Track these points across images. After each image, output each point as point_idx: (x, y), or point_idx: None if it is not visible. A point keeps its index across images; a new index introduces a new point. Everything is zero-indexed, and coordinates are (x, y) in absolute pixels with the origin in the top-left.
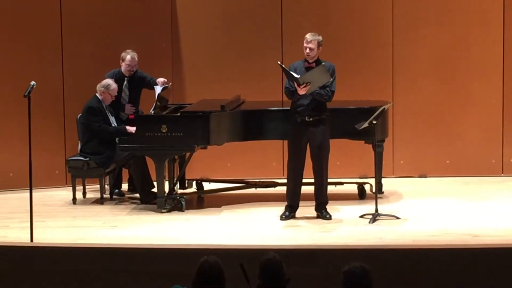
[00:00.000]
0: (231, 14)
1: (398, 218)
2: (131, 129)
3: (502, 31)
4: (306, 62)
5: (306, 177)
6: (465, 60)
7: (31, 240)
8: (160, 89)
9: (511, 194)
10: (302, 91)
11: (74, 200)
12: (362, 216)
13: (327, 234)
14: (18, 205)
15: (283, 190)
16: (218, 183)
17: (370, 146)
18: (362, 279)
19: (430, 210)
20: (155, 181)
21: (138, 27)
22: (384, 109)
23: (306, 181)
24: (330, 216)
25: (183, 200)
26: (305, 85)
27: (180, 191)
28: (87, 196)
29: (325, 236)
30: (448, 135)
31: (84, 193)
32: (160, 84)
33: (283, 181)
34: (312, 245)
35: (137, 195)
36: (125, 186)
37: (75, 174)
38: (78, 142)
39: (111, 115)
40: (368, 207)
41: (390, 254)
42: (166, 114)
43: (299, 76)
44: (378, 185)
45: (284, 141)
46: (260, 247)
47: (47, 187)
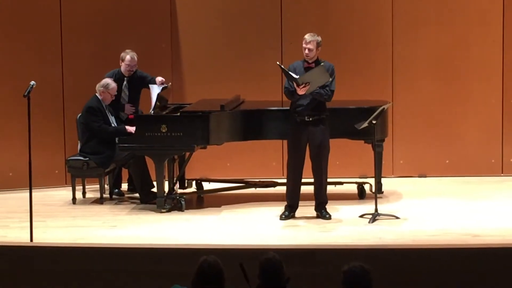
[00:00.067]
0: (231, 14)
1: (397, 218)
2: (131, 129)
3: (502, 31)
4: (305, 63)
5: (306, 177)
6: (465, 60)
7: (31, 240)
8: (156, 88)
9: (511, 194)
10: (301, 91)
11: (74, 200)
12: (361, 216)
13: (327, 234)
14: (18, 205)
15: (283, 190)
16: (217, 183)
17: (370, 146)
18: (362, 279)
19: (429, 210)
20: (155, 181)
21: (137, 27)
22: (383, 109)
23: (305, 181)
24: (329, 216)
25: (183, 200)
26: (304, 85)
27: (179, 191)
28: (87, 196)
29: (324, 236)
30: (447, 135)
31: (83, 193)
32: (158, 83)
33: (283, 181)
34: (311, 245)
35: (136, 195)
36: (124, 186)
37: (75, 174)
38: (78, 142)
39: (111, 115)
40: (367, 207)
41: (390, 254)
42: (166, 114)
43: (298, 76)
44: (378, 185)
45: (283, 141)
46: (259, 247)
47: (47, 187)
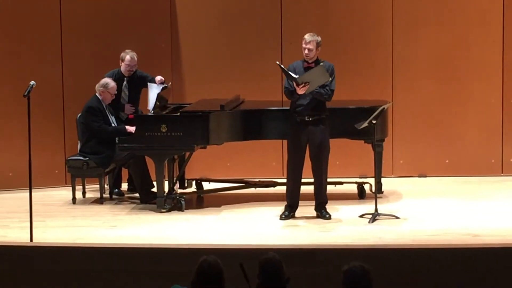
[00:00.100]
0: (231, 14)
1: (397, 217)
2: (131, 128)
3: (502, 31)
4: (305, 62)
5: (306, 176)
6: (464, 60)
7: (31, 240)
8: (155, 87)
9: (511, 194)
10: (301, 91)
11: (74, 199)
12: (361, 215)
13: (327, 233)
14: (17, 204)
15: (283, 189)
16: (217, 183)
17: (370, 145)
18: (362, 279)
19: (429, 210)
20: (155, 180)
21: (137, 27)
22: (383, 108)
23: (305, 180)
24: (329, 215)
25: (183, 199)
26: (303, 85)
27: (179, 191)
28: (87, 195)
29: (324, 235)
30: (447, 135)
31: (83, 192)
32: (157, 82)
33: (283, 180)
34: (311, 244)
35: (136, 195)
36: (124, 186)
37: (75, 174)
38: (78, 141)
39: (111, 115)
40: (367, 207)
41: (390, 254)
42: (166, 114)
43: (298, 76)
44: (378, 184)
45: (283, 140)
46: (259, 247)
47: (47, 187)
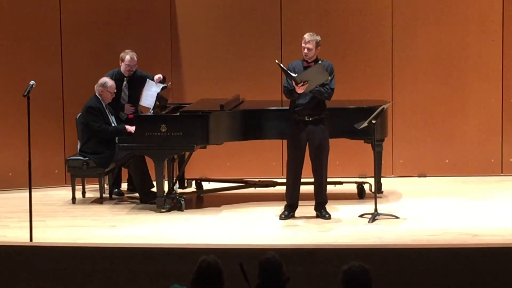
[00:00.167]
0: (230, 14)
1: (397, 217)
2: (131, 128)
3: (502, 31)
4: (304, 62)
5: (306, 176)
6: (464, 59)
7: (31, 239)
8: (153, 84)
9: (511, 194)
10: (300, 90)
11: (74, 199)
12: (361, 215)
13: (327, 233)
14: (17, 204)
15: (283, 189)
16: (217, 183)
17: (370, 145)
18: (362, 279)
19: (429, 210)
20: (155, 180)
21: (137, 27)
22: (383, 108)
23: (305, 180)
24: (329, 215)
25: (183, 199)
26: (303, 83)
27: (179, 191)
28: (87, 195)
29: (324, 235)
30: (447, 135)
31: (83, 192)
32: (155, 80)
33: (283, 180)
34: (311, 244)
35: (136, 195)
36: (124, 186)
37: (75, 174)
38: (78, 141)
39: (111, 115)
40: (367, 207)
41: (390, 254)
42: (166, 114)
43: (297, 74)
44: (378, 184)
45: (283, 140)
46: (259, 247)
47: (47, 187)
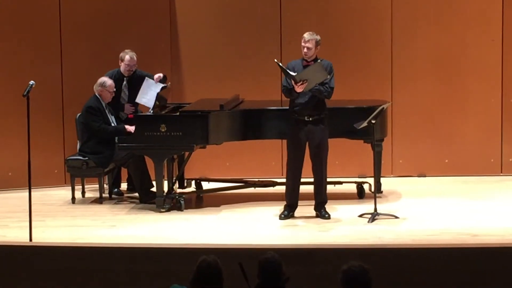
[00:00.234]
0: (230, 14)
1: (397, 217)
2: (130, 128)
3: (501, 31)
4: (304, 61)
5: (305, 176)
6: (464, 59)
7: (30, 239)
8: (153, 83)
9: (510, 194)
10: (299, 89)
11: (73, 199)
12: (361, 215)
13: (326, 233)
14: (17, 204)
15: (282, 189)
16: (217, 183)
17: (369, 145)
18: (361, 278)
19: (429, 210)
20: (154, 180)
21: (137, 27)
22: (383, 108)
23: (305, 180)
24: (329, 215)
25: (182, 199)
26: (302, 82)
27: (179, 191)
28: (86, 195)
29: (324, 235)
30: (447, 135)
31: (83, 192)
32: (156, 79)
33: (282, 180)
34: (311, 244)
35: (136, 195)
36: (124, 186)
37: (74, 174)
38: (77, 141)
39: (111, 115)
40: (367, 207)
41: (389, 254)
42: (165, 114)
43: (296, 73)
44: (377, 184)
45: (283, 140)
46: (259, 247)
47: (46, 187)
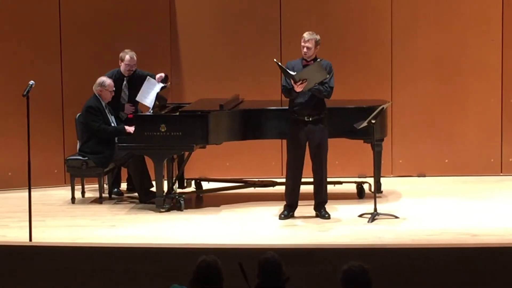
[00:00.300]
0: (230, 14)
1: (397, 217)
2: (130, 129)
3: (501, 30)
4: (304, 61)
5: (305, 176)
6: (464, 59)
7: (30, 239)
8: (154, 82)
9: (510, 193)
10: (298, 88)
11: (73, 199)
12: (361, 215)
13: (326, 233)
14: (17, 204)
15: (282, 189)
16: (217, 183)
17: (369, 145)
18: (361, 278)
19: (429, 209)
20: (154, 180)
21: (137, 27)
22: (383, 108)
23: (305, 180)
24: (329, 215)
25: (182, 199)
26: (301, 82)
27: (179, 191)
28: (86, 195)
29: (324, 235)
30: (447, 134)
31: (83, 192)
32: (157, 79)
33: (282, 180)
34: (311, 244)
35: (136, 195)
36: (124, 186)
37: (74, 174)
38: (77, 141)
39: (111, 115)
40: (367, 207)
41: (389, 254)
42: (165, 114)
43: (295, 73)
44: (377, 184)
45: (283, 140)
46: (259, 247)
47: (46, 187)
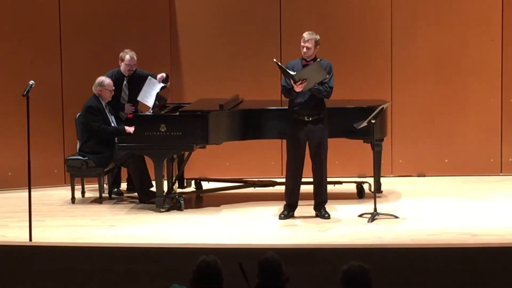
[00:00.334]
0: (230, 14)
1: (396, 217)
2: (130, 129)
3: (501, 30)
4: (303, 61)
5: (305, 176)
6: (464, 59)
7: (30, 239)
8: (156, 82)
9: (510, 193)
10: (298, 88)
11: (73, 199)
12: (360, 215)
13: (326, 233)
14: (17, 204)
15: (282, 189)
16: (216, 182)
17: (369, 145)
18: (361, 278)
19: (428, 209)
20: (154, 180)
21: (137, 27)
22: (382, 108)
23: (305, 180)
24: (329, 215)
25: (182, 199)
26: (301, 82)
27: (179, 190)
28: (86, 195)
29: (323, 235)
30: (446, 134)
31: (83, 192)
32: (159, 79)
33: (282, 180)
34: (311, 244)
35: (135, 194)
36: (124, 186)
37: (74, 174)
38: (77, 141)
39: (111, 114)
40: (366, 206)
41: (389, 254)
42: (165, 114)
43: (295, 73)
44: (377, 184)
45: (283, 140)
46: (259, 247)
47: (46, 187)
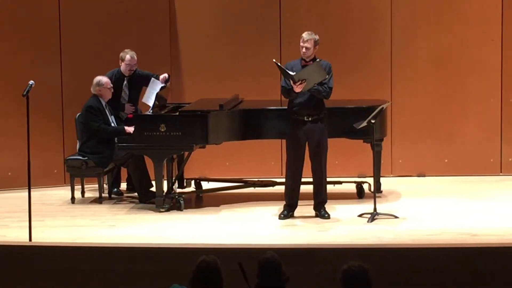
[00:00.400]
0: (230, 14)
1: (396, 217)
2: (130, 129)
3: (501, 30)
4: (302, 61)
5: (305, 176)
6: (463, 59)
7: (30, 239)
8: (158, 84)
9: (510, 193)
10: (298, 89)
11: (73, 199)
12: (360, 215)
13: (326, 233)
14: (17, 204)
15: (282, 189)
16: (216, 182)
17: (369, 145)
18: (361, 278)
19: (428, 209)
20: (154, 180)
21: (137, 27)
22: (382, 108)
23: (305, 180)
24: (328, 215)
25: (182, 199)
26: (300, 82)
27: (178, 190)
28: (86, 195)
29: (323, 235)
30: (446, 134)
31: (82, 192)
32: (161, 80)
33: (282, 180)
34: (310, 244)
35: (135, 194)
36: (123, 186)
37: (74, 174)
38: (77, 141)
39: (111, 115)
40: (366, 206)
41: (389, 253)
42: (165, 114)
43: (295, 73)
44: (377, 184)
45: (282, 140)
46: (258, 247)
47: (46, 186)
